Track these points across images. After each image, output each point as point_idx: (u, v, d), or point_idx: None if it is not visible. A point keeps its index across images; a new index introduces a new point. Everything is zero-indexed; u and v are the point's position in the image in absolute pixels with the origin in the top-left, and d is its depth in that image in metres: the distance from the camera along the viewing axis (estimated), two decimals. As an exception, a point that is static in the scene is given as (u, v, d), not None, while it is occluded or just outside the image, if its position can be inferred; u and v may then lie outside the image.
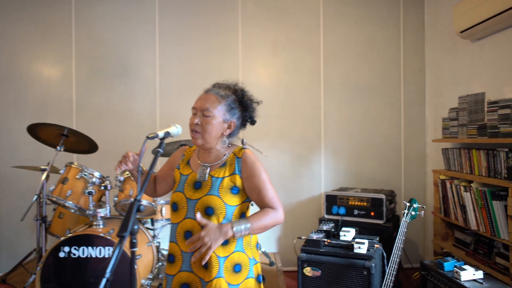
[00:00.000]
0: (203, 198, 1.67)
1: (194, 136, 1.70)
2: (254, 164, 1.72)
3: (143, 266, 2.89)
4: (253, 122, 1.88)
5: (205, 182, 1.71)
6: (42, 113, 4.12)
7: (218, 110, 1.70)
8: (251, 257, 1.75)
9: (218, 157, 1.77)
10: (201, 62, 4.23)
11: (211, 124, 1.68)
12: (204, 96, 1.74)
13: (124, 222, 1.26)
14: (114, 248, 1.20)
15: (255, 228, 1.63)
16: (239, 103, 1.79)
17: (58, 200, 2.96)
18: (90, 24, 4.19)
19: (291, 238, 4.19)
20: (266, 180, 1.72)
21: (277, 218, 1.70)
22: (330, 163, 4.31)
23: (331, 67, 4.29)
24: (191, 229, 1.67)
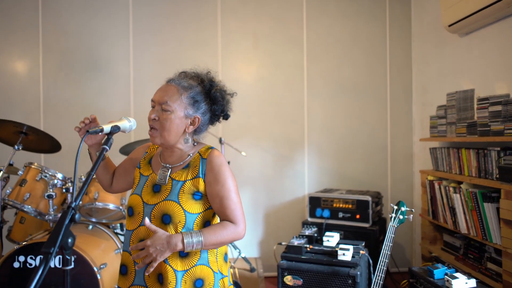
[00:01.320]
0: (160, 203, 1.46)
1: (152, 134, 1.49)
2: (220, 167, 1.50)
3: (109, 276, 2.64)
4: (226, 117, 1.63)
5: (164, 186, 1.49)
6: (6, 110, 3.83)
7: (179, 104, 1.47)
8: (216, 271, 1.53)
9: (181, 158, 1.55)
10: (178, 56, 4.00)
11: (169, 119, 1.46)
12: (164, 87, 1.52)
13: (53, 235, 1.03)
14: (38, 267, 0.96)
15: (208, 243, 1.42)
16: (206, 95, 1.56)
17: (14, 204, 2.70)
18: (59, 15, 3.92)
19: (273, 242, 3.99)
20: (231, 188, 1.50)
21: (236, 234, 1.48)
22: (314, 163, 4.11)
23: (315, 63, 4.10)
24: (146, 237, 1.46)
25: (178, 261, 1.44)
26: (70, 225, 1.06)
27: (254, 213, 4.09)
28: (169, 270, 1.43)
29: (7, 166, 2.79)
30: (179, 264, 1.45)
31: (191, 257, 1.47)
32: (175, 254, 1.45)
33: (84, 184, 1.15)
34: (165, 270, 1.43)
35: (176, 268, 1.43)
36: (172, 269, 1.43)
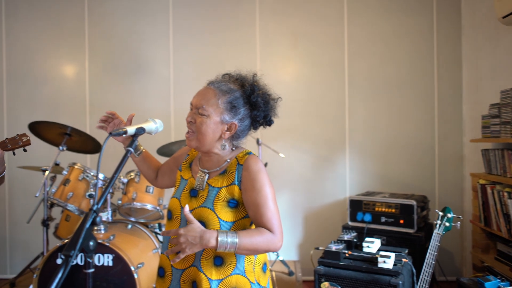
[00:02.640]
0: (196, 209, 1.43)
1: (188, 137, 1.46)
2: (257, 174, 1.42)
3: (146, 275, 2.68)
4: (269, 123, 1.54)
5: (201, 191, 1.46)
6: (55, 112, 4.02)
7: (215, 109, 1.42)
8: (253, 281, 1.46)
9: (218, 163, 1.50)
10: (216, 57, 4.00)
11: (205, 124, 1.42)
12: (203, 90, 1.47)
13: (74, 238, 1.02)
14: (58, 270, 0.96)
15: (242, 247, 1.33)
16: (246, 100, 1.48)
17: (59, 203, 2.81)
18: (103, 20, 4.06)
19: (312, 246, 3.87)
20: (268, 195, 1.41)
21: (272, 243, 1.37)
22: (356, 165, 3.96)
23: (357, 61, 3.95)
24: None
25: (212, 270, 1.40)
26: (91, 228, 1.05)
27: (293, 215, 4.01)
28: (203, 279, 1.39)
29: (53, 165, 2.91)
30: (214, 273, 1.40)
31: (226, 266, 1.42)
32: (209, 262, 1.41)
33: (107, 187, 1.14)
34: (199, 278, 1.39)
35: (210, 277, 1.39)
36: (206, 278, 1.39)
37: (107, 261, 2.52)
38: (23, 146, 1.65)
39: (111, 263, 2.52)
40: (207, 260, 1.41)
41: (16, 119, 4.03)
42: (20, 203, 4.04)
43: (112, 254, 2.51)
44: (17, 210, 4.05)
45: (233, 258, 1.43)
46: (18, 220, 4.02)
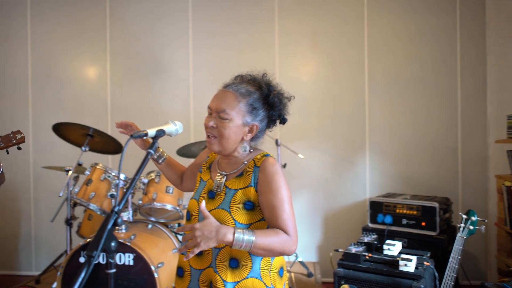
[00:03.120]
0: (213, 211, 1.43)
1: (210, 141, 1.45)
2: (274, 176, 1.41)
3: (166, 274, 2.70)
4: (284, 121, 1.56)
5: (219, 193, 1.47)
6: (78, 113, 4.11)
7: (237, 112, 1.43)
8: (269, 285, 1.45)
9: (236, 165, 1.51)
10: (235, 58, 4.01)
11: (228, 128, 1.42)
12: (222, 94, 1.46)
13: (96, 238, 1.04)
14: (80, 269, 0.98)
15: (258, 246, 1.30)
16: (264, 101, 1.49)
17: (81, 202, 2.87)
18: (124, 23, 4.12)
19: (332, 247, 3.83)
20: (284, 198, 1.40)
21: (288, 245, 1.35)
22: (376, 165, 3.91)
23: (377, 60, 3.90)
24: None
25: (228, 272, 1.40)
26: (113, 229, 1.07)
27: (312, 216, 3.98)
28: (218, 280, 1.39)
29: (76, 166, 2.97)
30: (229, 275, 1.40)
31: (242, 268, 1.42)
32: (225, 264, 1.41)
33: (128, 188, 1.16)
34: (214, 280, 1.40)
35: (225, 279, 1.40)
36: (221, 280, 1.39)
37: (128, 260, 2.56)
38: (17, 144, 1.58)
39: (132, 262, 2.56)
40: (223, 262, 1.41)
41: (41, 120, 4.13)
42: (44, 202, 4.14)
43: (133, 254, 2.55)
44: (41, 209, 4.16)
45: (249, 261, 1.42)
46: (43, 219, 4.12)
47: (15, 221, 4.18)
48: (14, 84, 4.17)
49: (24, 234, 4.18)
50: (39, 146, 4.15)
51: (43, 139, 4.12)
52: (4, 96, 4.18)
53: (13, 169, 4.13)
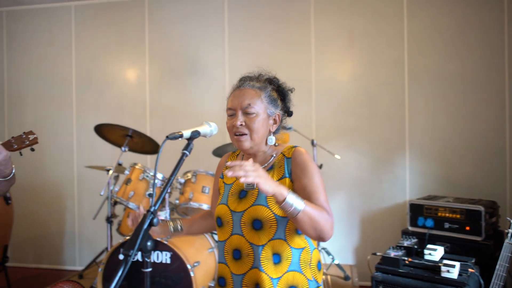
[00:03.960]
0: (249, 209, 1.42)
1: (240, 139, 1.45)
2: (306, 163, 1.43)
3: (202, 273, 2.74)
4: (290, 114, 1.61)
5: (251, 191, 1.46)
6: (118, 114, 4.24)
7: (260, 105, 1.46)
8: (311, 278, 1.45)
9: (264, 160, 1.52)
10: (271, 57, 4.00)
11: (256, 121, 1.44)
12: (239, 92, 1.49)
13: (132, 238, 1.06)
14: (118, 268, 1.00)
15: (306, 212, 1.26)
16: (277, 92, 1.55)
17: (121, 201, 2.95)
18: (162, 26, 4.22)
19: (370, 250, 3.76)
20: (319, 184, 1.40)
21: (328, 225, 1.31)
22: (417, 167, 3.78)
23: (418, 58, 3.76)
24: (239, 247, 1.45)
25: (272, 268, 1.40)
26: (149, 229, 1.09)
27: (349, 218, 3.91)
28: (265, 279, 1.39)
29: (116, 166, 3.07)
30: (273, 271, 1.40)
31: (283, 262, 1.42)
32: (270, 262, 1.40)
33: (163, 189, 1.17)
34: (261, 279, 1.39)
35: (271, 275, 1.40)
36: (268, 278, 1.39)
37: (165, 258, 2.61)
38: (30, 145, 1.54)
39: (169, 261, 2.60)
40: (267, 259, 1.40)
41: (84, 121, 4.31)
42: (87, 200, 4.31)
43: (170, 252, 2.60)
44: (85, 207, 4.33)
45: (289, 254, 1.42)
46: (86, 216, 4.29)
47: (61, 218, 4.38)
48: (59, 86, 4.37)
49: (69, 230, 4.37)
50: (82, 146, 4.33)
51: (86, 139, 4.29)
52: (50, 98, 4.39)
53: (58, 168, 4.33)
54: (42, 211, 4.37)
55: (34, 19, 4.41)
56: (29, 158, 2.20)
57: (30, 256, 4.41)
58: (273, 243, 1.41)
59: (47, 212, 4.38)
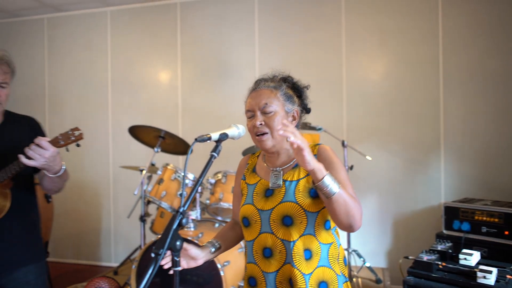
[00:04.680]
0: (278, 206, 1.44)
1: (262, 139, 1.47)
2: (333, 158, 1.45)
3: (233, 273, 2.77)
4: (309, 110, 1.61)
5: (278, 189, 1.48)
6: (151, 116, 4.36)
7: (277, 103, 1.49)
8: (339, 273, 1.46)
9: (289, 158, 1.53)
10: (301, 58, 3.99)
11: (275, 120, 1.46)
12: (256, 94, 1.53)
13: (162, 237, 1.09)
14: (148, 266, 1.04)
15: (341, 195, 1.27)
16: (293, 90, 1.57)
17: (154, 200, 3.03)
18: (193, 28, 4.29)
19: (402, 253, 3.68)
20: (346, 177, 1.42)
21: (359, 214, 1.32)
22: (452, 168, 3.66)
23: (453, 56, 3.64)
24: (270, 245, 1.45)
25: (304, 264, 1.42)
26: (178, 229, 1.12)
27: (381, 220, 3.84)
28: (297, 275, 1.40)
29: (149, 166, 3.15)
30: (305, 267, 1.42)
31: (313, 258, 1.43)
32: (301, 257, 1.41)
33: (192, 191, 1.20)
34: (294, 275, 1.41)
35: (304, 271, 1.41)
36: (300, 273, 1.41)
37: (196, 257, 2.65)
38: (76, 141, 1.58)
39: (200, 260, 2.65)
40: (299, 255, 1.41)
41: (119, 123, 4.45)
42: (122, 199, 4.45)
43: (200, 251, 2.64)
44: (120, 205, 4.47)
45: (319, 249, 1.43)
46: (121, 215, 4.43)
47: (97, 216, 4.55)
48: (96, 89, 4.54)
49: (105, 228, 4.53)
50: (117, 147, 4.47)
51: (121, 140, 4.43)
52: (88, 100, 4.57)
53: (95, 168, 4.50)
54: (80, 209, 4.56)
55: (73, 25, 4.61)
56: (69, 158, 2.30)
57: (69, 252, 4.61)
58: (304, 238, 1.42)
59: (84, 210, 4.56)
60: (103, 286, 2.57)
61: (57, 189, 1.80)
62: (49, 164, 1.59)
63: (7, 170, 1.61)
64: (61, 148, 1.61)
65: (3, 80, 1.65)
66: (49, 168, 1.61)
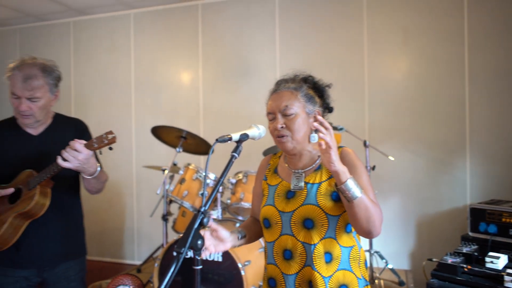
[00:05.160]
0: (299, 209, 1.44)
1: (282, 140, 1.48)
2: (355, 162, 1.45)
3: (253, 272, 2.78)
4: (331, 110, 1.59)
5: (299, 191, 1.48)
6: (173, 116, 4.42)
7: (298, 105, 1.47)
8: (360, 277, 1.45)
9: (311, 160, 1.52)
10: (322, 57, 3.97)
11: (296, 122, 1.46)
12: (276, 96, 1.52)
13: (184, 236, 1.11)
14: (170, 264, 1.06)
15: (363, 200, 1.28)
16: (314, 90, 1.55)
17: (176, 200, 3.07)
18: (214, 29, 4.33)
19: (426, 255, 3.60)
20: (368, 182, 1.42)
21: (379, 220, 1.33)
22: (478, 169, 3.57)
23: (479, 54, 3.55)
24: (290, 247, 1.46)
25: (324, 267, 1.41)
26: (199, 228, 1.13)
27: (403, 221, 3.77)
28: (318, 277, 1.41)
29: (171, 166, 3.20)
30: (325, 270, 1.42)
31: (333, 261, 1.43)
32: (322, 260, 1.41)
33: (213, 190, 1.21)
34: (314, 277, 1.41)
35: (323, 274, 1.41)
36: (320, 276, 1.41)
37: (217, 256, 2.68)
38: (109, 144, 1.65)
39: (221, 259, 2.68)
40: (320, 258, 1.41)
41: (142, 123, 4.53)
42: (145, 198, 4.53)
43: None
44: (143, 205, 4.55)
45: (339, 252, 1.43)
46: (144, 214, 4.51)
47: (121, 214, 4.64)
48: (120, 90, 4.63)
49: (128, 227, 4.61)
50: (140, 147, 4.55)
51: (143, 140, 4.51)
52: (112, 101, 4.66)
53: (119, 168, 4.59)
54: (105, 208, 4.66)
55: (97, 27, 4.72)
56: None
57: (94, 250, 4.71)
58: (325, 242, 1.42)
59: (109, 209, 4.66)
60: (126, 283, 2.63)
61: (95, 190, 1.90)
62: (83, 166, 1.66)
63: (47, 171, 1.69)
64: (94, 150, 1.68)
65: (31, 96, 1.73)
66: (84, 170, 1.69)
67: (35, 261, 1.80)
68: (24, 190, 1.73)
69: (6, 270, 1.79)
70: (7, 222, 1.68)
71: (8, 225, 1.68)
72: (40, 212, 1.73)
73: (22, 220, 1.73)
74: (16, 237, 1.72)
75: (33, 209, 1.70)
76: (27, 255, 1.79)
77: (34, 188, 1.70)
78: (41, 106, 1.79)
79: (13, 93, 1.73)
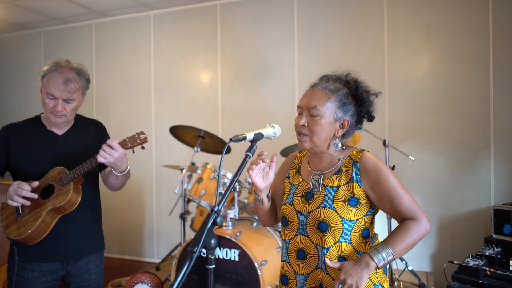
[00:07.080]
0: (315, 211, 1.43)
1: (301, 139, 1.47)
2: (378, 167, 1.41)
3: (270, 272, 2.77)
4: (372, 118, 1.54)
5: (317, 193, 1.46)
6: (192, 116, 4.45)
7: (328, 108, 1.43)
8: (376, 283, 1.42)
9: (331, 163, 1.50)
10: (342, 56, 3.92)
11: (319, 124, 1.43)
12: (310, 92, 1.49)
13: (197, 235, 1.12)
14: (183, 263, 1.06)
15: (399, 252, 1.35)
16: (353, 97, 1.49)
17: (193, 199, 3.10)
18: (233, 29, 4.34)
19: (447, 257, 3.52)
20: (396, 185, 1.40)
21: (422, 229, 1.38)
22: (503, 170, 3.46)
23: (505, 50, 3.44)
24: (304, 247, 1.46)
25: (337, 271, 1.39)
26: (213, 227, 1.14)
27: (424, 223, 3.69)
28: (329, 281, 1.40)
29: (189, 165, 3.22)
30: (337, 274, 1.39)
31: None
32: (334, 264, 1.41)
33: (227, 190, 1.22)
34: (325, 281, 1.40)
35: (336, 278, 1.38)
36: (332, 280, 1.39)
37: (234, 256, 2.69)
38: (141, 144, 1.79)
39: (237, 258, 2.68)
40: (332, 262, 1.39)
41: (161, 122, 4.58)
42: (164, 197, 4.58)
43: (238, 250, 2.68)
44: (162, 203, 4.60)
45: (355, 257, 1.41)
46: (163, 212, 4.56)
47: (141, 213, 4.71)
48: (140, 90, 4.70)
49: (148, 225, 4.68)
50: (160, 146, 4.61)
51: (163, 140, 4.56)
52: (132, 101, 4.74)
53: (139, 167, 4.66)
54: (125, 206, 4.73)
55: (118, 29, 4.79)
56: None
57: (115, 248, 4.80)
58: (339, 246, 1.41)
59: (129, 207, 4.73)
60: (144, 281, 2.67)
61: (119, 186, 2.01)
62: (117, 164, 1.79)
63: (81, 168, 1.78)
64: (128, 149, 1.81)
65: (68, 97, 1.83)
66: (116, 167, 1.82)
67: (61, 255, 1.88)
68: (57, 186, 1.80)
69: (32, 264, 1.86)
70: (41, 218, 1.75)
71: (41, 220, 1.75)
72: (71, 208, 1.81)
73: (53, 215, 1.80)
74: (46, 232, 1.79)
75: (66, 204, 1.77)
76: (53, 248, 1.86)
77: (68, 184, 1.78)
78: (74, 107, 1.88)
79: (50, 94, 1.81)
